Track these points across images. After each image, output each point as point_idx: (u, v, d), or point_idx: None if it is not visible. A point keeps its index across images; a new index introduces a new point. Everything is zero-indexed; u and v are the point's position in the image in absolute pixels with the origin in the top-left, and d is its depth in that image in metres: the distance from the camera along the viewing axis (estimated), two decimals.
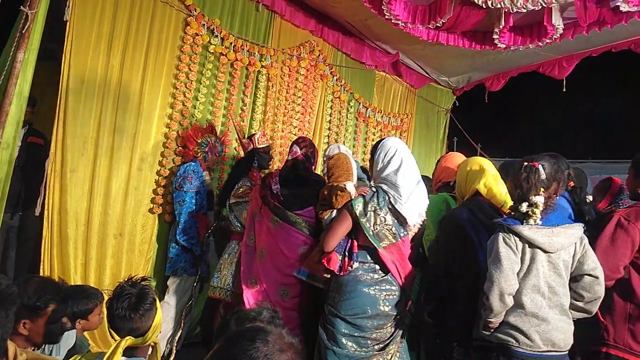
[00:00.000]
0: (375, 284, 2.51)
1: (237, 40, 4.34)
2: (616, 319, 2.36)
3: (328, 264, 2.53)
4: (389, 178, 2.56)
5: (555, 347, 2.15)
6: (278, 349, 1.06)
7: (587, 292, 2.20)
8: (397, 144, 2.65)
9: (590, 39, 4.56)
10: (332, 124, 5.34)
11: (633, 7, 3.62)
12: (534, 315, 2.14)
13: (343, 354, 2.44)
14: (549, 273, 2.18)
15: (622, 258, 2.34)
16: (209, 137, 3.93)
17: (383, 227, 2.52)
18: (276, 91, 4.69)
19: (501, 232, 2.20)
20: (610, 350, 2.36)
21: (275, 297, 2.84)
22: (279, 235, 2.95)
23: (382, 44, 5.49)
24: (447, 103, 6.85)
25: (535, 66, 5.51)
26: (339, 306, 2.51)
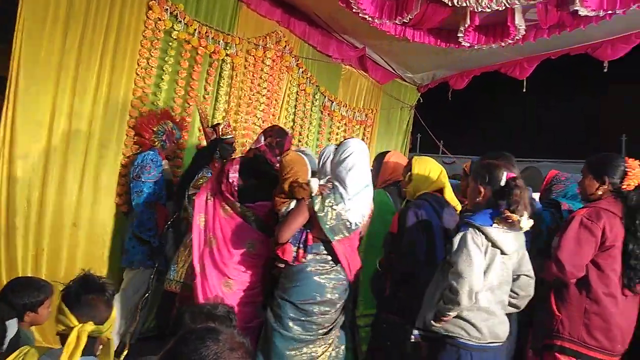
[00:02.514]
0: (325, 273, 2.65)
1: (201, 27, 4.24)
2: (572, 314, 2.42)
3: (282, 255, 2.62)
4: (340, 175, 2.69)
5: (498, 339, 2.29)
6: (228, 348, 1.09)
7: (522, 291, 2.37)
8: (357, 145, 2.78)
9: (551, 41, 4.68)
10: (296, 117, 5.30)
11: (591, 12, 3.73)
12: (485, 311, 2.25)
13: (289, 336, 2.59)
14: (501, 272, 2.29)
15: (586, 257, 2.41)
16: (165, 124, 3.79)
17: (339, 221, 2.62)
18: (240, 81, 4.61)
19: (470, 230, 2.25)
20: (564, 344, 2.42)
21: (221, 288, 2.87)
22: (227, 225, 2.95)
23: (349, 37, 5.48)
24: (411, 100, 6.91)
25: (498, 66, 5.62)
26: (289, 292, 2.64)
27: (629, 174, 2.46)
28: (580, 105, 6.37)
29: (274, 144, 3.09)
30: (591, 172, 2.56)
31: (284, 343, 2.59)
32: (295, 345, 2.60)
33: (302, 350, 2.60)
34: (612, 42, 4.62)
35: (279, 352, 2.59)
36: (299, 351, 2.60)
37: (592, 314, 2.40)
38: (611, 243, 2.40)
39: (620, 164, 2.49)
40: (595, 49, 4.73)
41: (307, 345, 2.62)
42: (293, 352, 2.59)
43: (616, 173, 2.48)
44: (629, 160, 2.50)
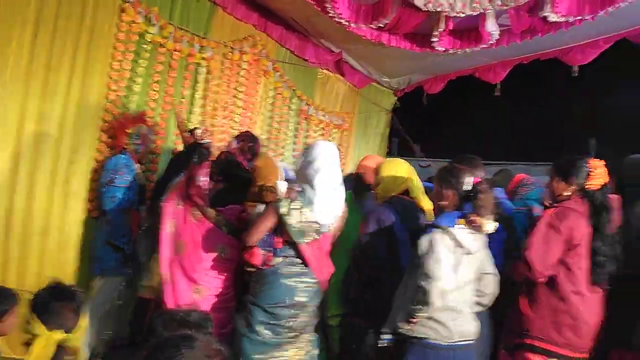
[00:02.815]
0: (294, 276, 2.63)
1: (176, 30, 4.19)
2: (541, 312, 2.46)
3: (251, 259, 2.61)
4: (308, 177, 2.66)
5: (466, 337, 2.34)
6: (205, 355, 1.06)
7: (487, 289, 2.44)
8: (325, 147, 2.76)
9: (523, 46, 4.78)
10: (273, 120, 5.27)
11: (561, 17, 3.82)
12: (453, 310, 2.30)
13: (258, 340, 2.56)
14: (467, 272, 2.35)
15: (554, 256, 2.45)
16: (140, 127, 3.71)
17: (306, 224, 2.61)
18: (216, 85, 4.57)
19: (438, 232, 2.30)
20: (534, 342, 2.46)
21: (190, 295, 2.82)
22: (197, 230, 2.91)
23: (326, 42, 5.50)
24: (388, 104, 6.96)
25: (472, 70, 5.71)
26: (258, 296, 2.62)
27: (592, 174, 2.52)
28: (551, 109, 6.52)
29: (246, 149, 3.08)
30: (558, 174, 2.62)
31: (252, 347, 2.57)
32: (264, 350, 2.57)
33: (271, 354, 2.57)
34: (581, 47, 4.75)
35: (247, 357, 2.55)
36: (268, 355, 2.57)
37: (560, 312, 2.44)
38: (577, 242, 2.45)
39: (584, 165, 2.56)
40: (565, 54, 4.85)
41: (277, 349, 2.59)
42: (261, 357, 2.56)
43: (581, 174, 2.54)
44: (591, 160, 2.57)
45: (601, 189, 2.53)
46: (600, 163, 2.56)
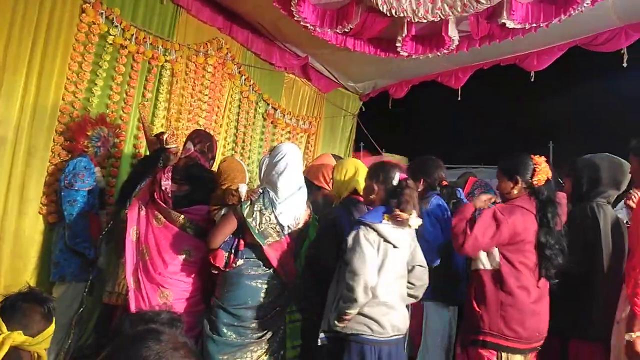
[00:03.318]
0: (258, 278, 2.66)
1: (139, 32, 4.14)
2: (490, 308, 2.51)
3: (214, 261, 2.63)
4: (272, 179, 2.72)
5: (399, 331, 2.41)
6: (171, 347, 1.05)
7: (418, 280, 2.52)
8: (288, 149, 2.81)
9: (483, 52, 4.92)
10: (239, 124, 5.24)
11: (518, 24, 3.96)
12: (385, 305, 2.36)
13: (222, 341, 2.59)
14: (396, 266, 2.41)
15: (485, 243, 2.50)
16: (100, 129, 3.64)
17: (268, 225, 2.65)
18: (180, 87, 4.52)
19: (362, 228, 2.37)
20: (486, 338, 2.50)
21: (156, 301, 2.78)
22: (161, 234, 2.89)
23: (292, 46, 5.52)
24: (354, 108, 7.02)
25: (435, 75, 5.83)
26: (223, 298, 2.65)
27: (536, 170, 2.60)
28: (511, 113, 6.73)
29: (205, 149, 3.05)
30: (504, 174, 2.70)
31: (217, 348, 2.58)
32: (228, 350, 2.58)
33: (235, 355, 2.59)
34: (537, 53, 4.92)
35: (211, 358, 2.57)
36: (232, 356, 2.58)
37: (507, 306, 2.49)
38: (521, 238, 2.51)
39: (529, 162, 2.63)
40: (523, 60, 5.02)
41: (241, 349, 2.60)
42: (225, 357, 2.57)
43: (526, 171, 2.62)
44: (535, 157, 2.66)
45: (546, 184, 2.60)
46: (542, 159, 2.65)
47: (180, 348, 1.07)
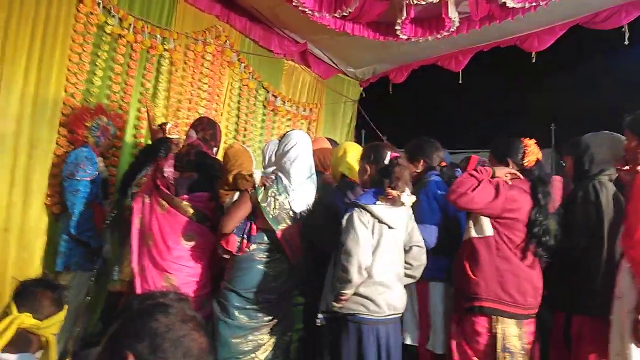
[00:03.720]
0: (269, 262, 2.70)
1: (137, 21, 4.12)
2: (486, 274, 2.54)
3: (227, 245, 2.66)
4: (285, 166, 2.76)
5: (396, 310, 2.47)
6: (179, 320, 1.06)
7: (415, 261, 2.57)
8: (300, 137, 2.86)
9: (482, 34, 4.89)
10: (240, 112, 5.23)
11: (517, 3, 3.93)
12: (380, 284, 2.40)
13: (234, 324, 2.63)
14: (392, 246, 2.45)
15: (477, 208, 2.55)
16: (99, 119, 3.64)
17: (282, 211, 2.69)
18: (180, 76, 4.51)
19: (356, 210, 2.41)
20: (483, 304, 2.53)
21: (161, 284, 2.82)
22: (165, 220, 2.91)
23: (291, 32, 5.49)
24: (354, 94, 6.98)
25: (434, 59, 5.79)
26: (234, 281, 2.68)
27: (526, 152, 2.67)
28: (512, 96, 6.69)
29: (208, 137, 3.06)
30: (495, 157, 2.77)
31: (229, 331, 2.62)
32: (240, 333, 2.63)
33: (247, 338, 2.64)
34: (537, 34, 4.89)
35: (223, 341, 2.61)
36: (245, 339, 2.63)
37: (504, 271, 2.54)
38: (514, 216, 2.56)
39: (518, 144, 2.70)
40: (523, 41, 4.99)
41: (252, 332, 2.65)
42: (238, 340, 2.62)
43: (517, 153, 2.69)
44: (524, 140, 2.72)
45: (536, 165, 2.68)
46: (532, 141, 2.71)
47: (189, 321, 1.07)
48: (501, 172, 2.63)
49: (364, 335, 2.38)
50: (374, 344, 2.38)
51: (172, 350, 1.02)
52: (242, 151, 3.00)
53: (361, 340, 2.38)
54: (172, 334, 1.03)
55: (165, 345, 1.02)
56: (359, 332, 2.38)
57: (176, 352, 1.02)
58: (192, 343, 1.05)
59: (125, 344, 1.02)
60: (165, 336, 1.02)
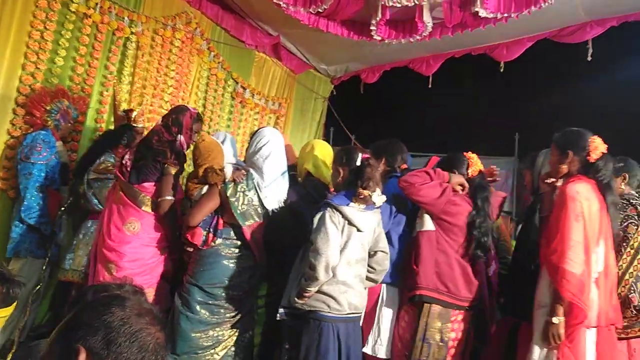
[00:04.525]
0: (234, 258, 2.69)
1: (103, 1, 3.97)
2: (426, 266, 2.71)
3: (192, 239, 2.66)
4: (257, 163, 2.78)
5: (357, 310, 2.53)
6: (135, 313, 1.02)
7: (379, 265, 2.64)
8: (273, 134, 2.90)
9: (455, 41, 4.94)
10: (207, 102, 5.11)
11: (490, 13, 3.99)
12: (343, 284, 2.46)
13: (195, 319, 2.62)
14: (358, 248, 2.51)
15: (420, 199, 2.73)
16: (59, 102, 3.50)
17: (250, 207, 2.70)
18: (146, 61, 4.37)
19: (328, 210, 2.47)
20: (422, 292, 2.69)
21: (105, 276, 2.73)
22: (115, 208, 2.83)
23: (264, 24, 5.40)
24: (325, 91, 6.95)
25: (406, 62, 5.83)
26: (197, 276, 2.66)
27: (470, 164, 2.90)
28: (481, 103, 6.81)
29: (170, 122, 2.93)
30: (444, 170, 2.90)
31: (190, 325, 2.61)
32: (201, 328, 2.62)
33: (207, 333, 2.63)
34: (507, 44, 4.99)
35: (184, 335, 2.60)
36: (205, 334, 2.62)
37: (441, 263, 2.71)
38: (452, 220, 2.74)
39: (463, 158, 2.92)
40: (493, 50, 5.08)
41: (214, 328, 2.64)
42: (198, 335, 2.61)
43: (462, 166, 2.90)
44: (467, 154, 2.95)
45: (479, 174, 2.90)
46: (474, 155, 2.94)
47: (145, 315, 1.03)
48: (456, 179, 2.81)
49: (324, 332, 2.41)
50: (334, 341, 2.42)
51: (127, 345, 0.97)
52: (215, 145, 2.97)
53: (321, 336, 2.41)
54: (127, 328, 0.99)
55: (120, 340, 0.97)
56: (320, 329, 2.42)
57: (131, 347, 0.98)
58: (148, 338, 1.01)
59: (78, 337, 0.97)
60: (120, 330, 0.98)
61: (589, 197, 2.42)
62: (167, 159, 2.79)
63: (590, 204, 2.41)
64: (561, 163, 2.59)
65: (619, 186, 3.04)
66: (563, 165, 2.59)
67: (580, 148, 2.54)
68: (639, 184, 3.10)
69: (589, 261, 2.37)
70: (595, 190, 2.48)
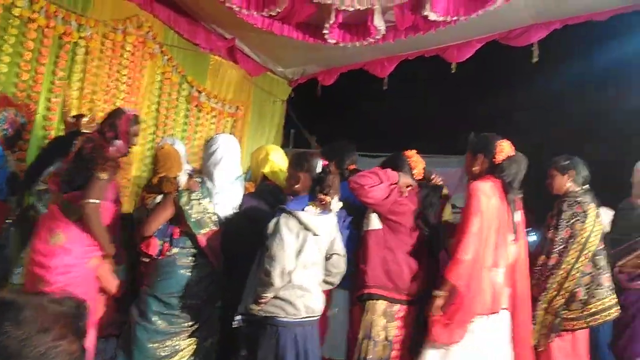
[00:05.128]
0: (191, 267, 2.67)
1: (49, 5, 3.85)
2: (373, 265, 2.79)
3: (147, 249, 2.64)
4: (209, 169, 2.78)
5: (313, 313, 2.54)
6: (38, 329, 0.82)
7: (335, 268, 2.65)
8: (225, 140, 2.90)
9: (408, 43, 5.04)
10: (161, 106, 5.02)
11: (439, 17, 4.09)
12: (300, 288, 2.47)
13: (152, 329, 2.59)
14: (314, 252, 2.53)
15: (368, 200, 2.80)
16: (6, 110, 3.41)
17: (205, 214, 2.68)
18: (96, 66, 4.26)
19: (283, 215, 2.47)
20: (370, 291, 2.77)
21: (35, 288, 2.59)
22: (46, 221, 2.71)
23: (218, 27, 5.35)
24: (283, 94, 6.92)
25: (362, 64, 5.88)
26: (154, 286, 2.64)
27: (412, 164, 3.00)
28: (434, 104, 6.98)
29: (106, 129, 2.85)
30: None
31: (146, 335, 2.58)
32: (158, 338, 2.60)
33: (165, 343, 2.60)
34: (457, 46, 5.12)
35: (140, 345, 2.57)
36: (162, 344, 2.60)
37: (389, 260, 2.80)
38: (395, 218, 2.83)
39: (404, 158, 3.01)
40: (444, 52, 5.20)
41: (171, 338, 2.62)
42: (155, 345, 2.58)
43: (404, 165, 2.98)
44: (407, 153, 3.04)
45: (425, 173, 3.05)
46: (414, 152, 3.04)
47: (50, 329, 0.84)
48: (404, 180, 2.87)
49: (281, 337, 2.41)
50: (292, 346, 2.42)
51: None
52: (171, 153, 2.97)
53: (279, 342, 2.41)
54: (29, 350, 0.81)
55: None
56: (277, 335, 2.42)
57: None
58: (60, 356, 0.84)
59: None
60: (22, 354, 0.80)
61: (489, 194, 2.68)
62: (97, 165, 2.65)
63: (490, 200, 2.66)
64: (474, 165, 2.84)
65: (565, 184, 3.21)
66: (475, 167, 2.83)
67: (489, 151, 2.78)
68: (584, 181, 3.26)
69: (484, 252, 2.63)
70: (497, 188, 2.73)
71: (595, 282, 3.05)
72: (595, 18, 4.45)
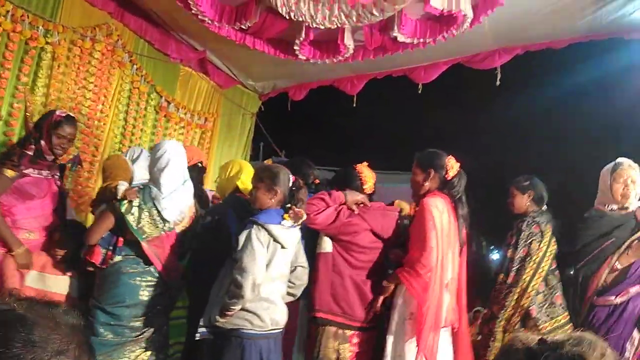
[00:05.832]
0: (137, 275, 2.66)
1: (15, 9, 3.77)
2: (321, 288, 2.83)
3: (91, 258, 2.62)
4: (154, 175, 2.80)
5: (278, 325, 2.56)
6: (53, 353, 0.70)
7: (298, 280, 2.73)
8: (170, 146, 2.91)
9: (377, 62, 5.15)
10: (129, 115, 4.96)
11: (407, 38, 4.21)
12: (266, 300, 2.49)
13: (97, 341, 2.54)
14: (281, 265, 2.57)
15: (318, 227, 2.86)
16: None
17: (148, 221, 2.68)
18: (62, 73, 4.18)
19: (254, 228, 2.48)
20: (318, 314, 2.81)
21: None
22: None
23: (190, 38, 5.35)
24: (253, 107, 6.95)
25: (332, 81, 5.98)
26: (101, 297, 2.63)
27: (362, 179, 3.02)
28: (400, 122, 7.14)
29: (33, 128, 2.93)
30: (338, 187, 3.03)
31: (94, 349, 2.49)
32: (104, 350, 2.55)
33: (112, 355, 2.56)
34: (424, 67, 5.28)
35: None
36: (109, 356, 2.56)
37: (337, 285, 2.82)
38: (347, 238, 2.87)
39: (354, 172, 3.04)
40: (412, 72, 5.35)
41: (117, 349, 2.58)
42: (101, 357, 2.53)
43: (354, 180, 3.02)
44: (357, 167, 3.07)
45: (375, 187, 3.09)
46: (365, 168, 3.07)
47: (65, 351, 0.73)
48: (352, 198, 2.90)
49: (246, 349, 2.41)
50: (257, 358, 2.42)
51: None
52: (117, 163, 3.01)
53: (243, 354, 2.41)
54: None
55: None
56: (242, 347, 2.41)
57: None
58: None
59: None
60: None
61: (442, 210, 2.75)
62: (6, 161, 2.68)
63: (442, 216, 2.73)
64: (424, 180, 2.88)
65: (525, 203, 3.32)
66: (426, 183, 2.87)
67: (440, 167, 2.85)
68: (542, 201, 3.38)
69: (442, 266, 2.70)
70: (448, 204, 2.80)
71: (547, 301, 3.16)
72: (554, 46, 4.67)
